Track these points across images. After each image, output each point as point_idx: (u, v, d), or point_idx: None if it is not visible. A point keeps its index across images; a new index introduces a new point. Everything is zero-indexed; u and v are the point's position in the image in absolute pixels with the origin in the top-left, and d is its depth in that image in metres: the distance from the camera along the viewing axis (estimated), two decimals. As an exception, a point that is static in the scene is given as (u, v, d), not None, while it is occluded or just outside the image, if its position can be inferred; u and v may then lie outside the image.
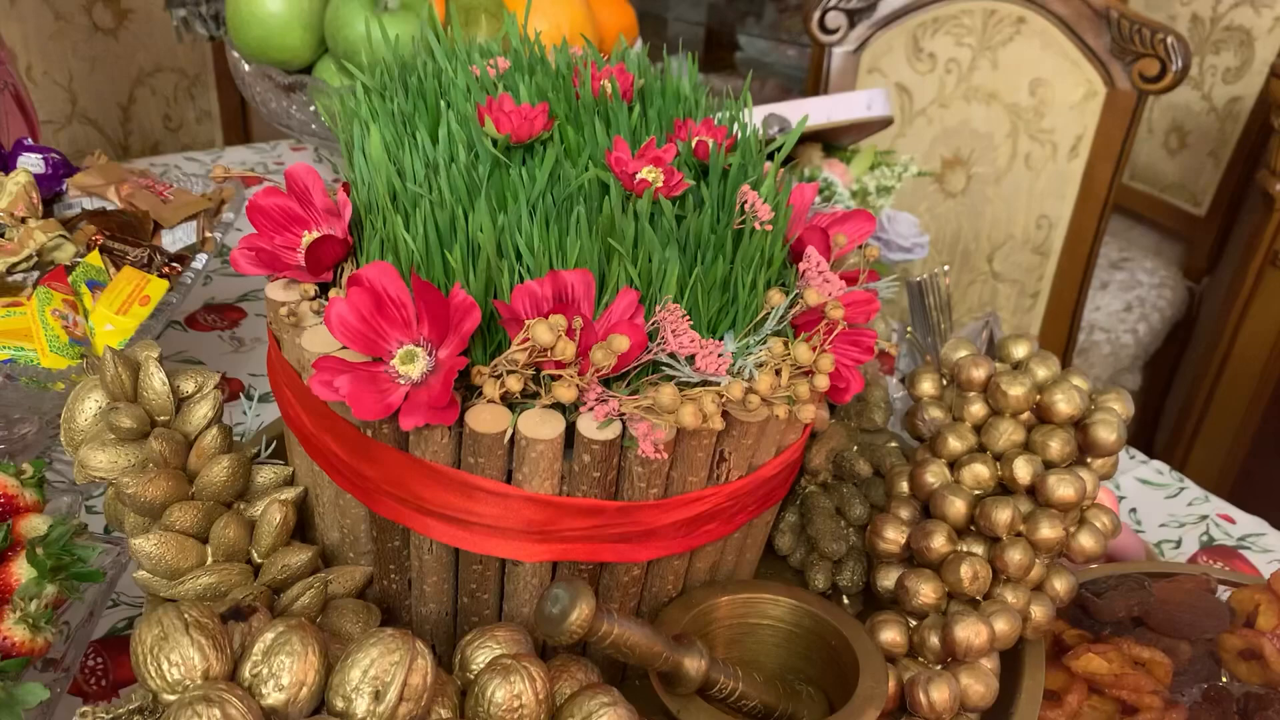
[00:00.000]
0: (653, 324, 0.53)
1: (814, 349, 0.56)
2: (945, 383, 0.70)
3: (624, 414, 0.53)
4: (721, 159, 0.61)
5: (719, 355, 0.53)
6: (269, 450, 0.68)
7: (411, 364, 0.53)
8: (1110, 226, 2.29)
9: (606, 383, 0.54)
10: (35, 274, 0.83)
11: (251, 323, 1.09)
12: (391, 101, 0.61)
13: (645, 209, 0.56)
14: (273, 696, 0.48)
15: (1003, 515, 0.61)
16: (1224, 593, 0.73)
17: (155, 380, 0.64)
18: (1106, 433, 0.65)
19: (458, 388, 0.54)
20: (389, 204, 0.56)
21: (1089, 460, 0.67)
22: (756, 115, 1.05)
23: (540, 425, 0.53)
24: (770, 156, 0.65)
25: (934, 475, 0.65)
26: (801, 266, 0.60)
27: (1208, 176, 2.18)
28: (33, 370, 0.74)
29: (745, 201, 0.58)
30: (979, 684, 0.58)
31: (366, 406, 0.51)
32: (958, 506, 0.63)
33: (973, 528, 0.64)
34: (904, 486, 0.67)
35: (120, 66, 1.67)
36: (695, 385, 0.54)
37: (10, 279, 0.82)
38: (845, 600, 0.70)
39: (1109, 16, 1.62)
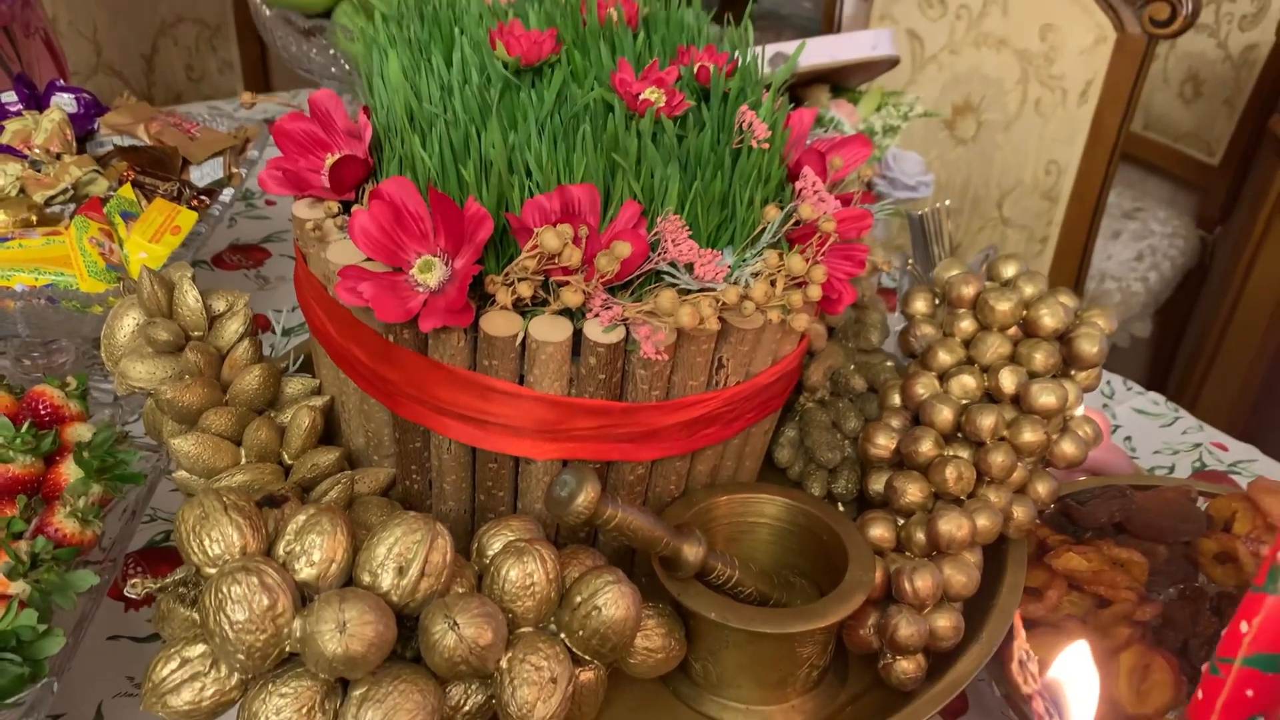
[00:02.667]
0: (654, 235, 0.57)
1: (807, 260, 0.59)
2: (938, 302, 0.74)
3: (627, 319, 0.57)
4: (722, 83, 0.65)
5: (717, 264, 0.57)
6: (297, 366, 0.72)
7: (429, 273, 0.57)
8: (1124, 177, 2.30)
9: (612, 291, 0.58)
10: (71, 206, 0.87)
11: (275, 263, 1.13)
12: (408, 30, 0.64)
13: (647, 128, 0.59)
14: (305, 571, 0.52)
15: (987, 420, 0.65)
16: (1205, 504, 0.76)
17: (189, 297, 0.68)
18: (1089, 345, 0.68)
19: (473, 298, 0.58)
20: (406, 124, 0.60)
21: (1073, 372, 0.70)
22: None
23: (549, 329, 0.57)
24: (769, 86, 0.68)
25: (924, 387, 0.69)
26: (798, 185, 0.64)
27: (1222, 125, 2.18)
28: (72, 293, 0.78)
29: (744, 121, 0.61)
30: (961, 574, 0.62)
31: (389, 309, 0.55)
32: (945, 414, 0.66)
33: (959, 435, 0.67)
34: (896, 399, 0.71)
35: (143, 17, 1.70)
36: (695, 292, 0.57)
37: (48, 210, 0.86)
38: (840, 507, 0.74)
39: (1119, -40, 1.62)
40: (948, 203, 1.06)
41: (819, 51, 1.10)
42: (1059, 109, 1.73)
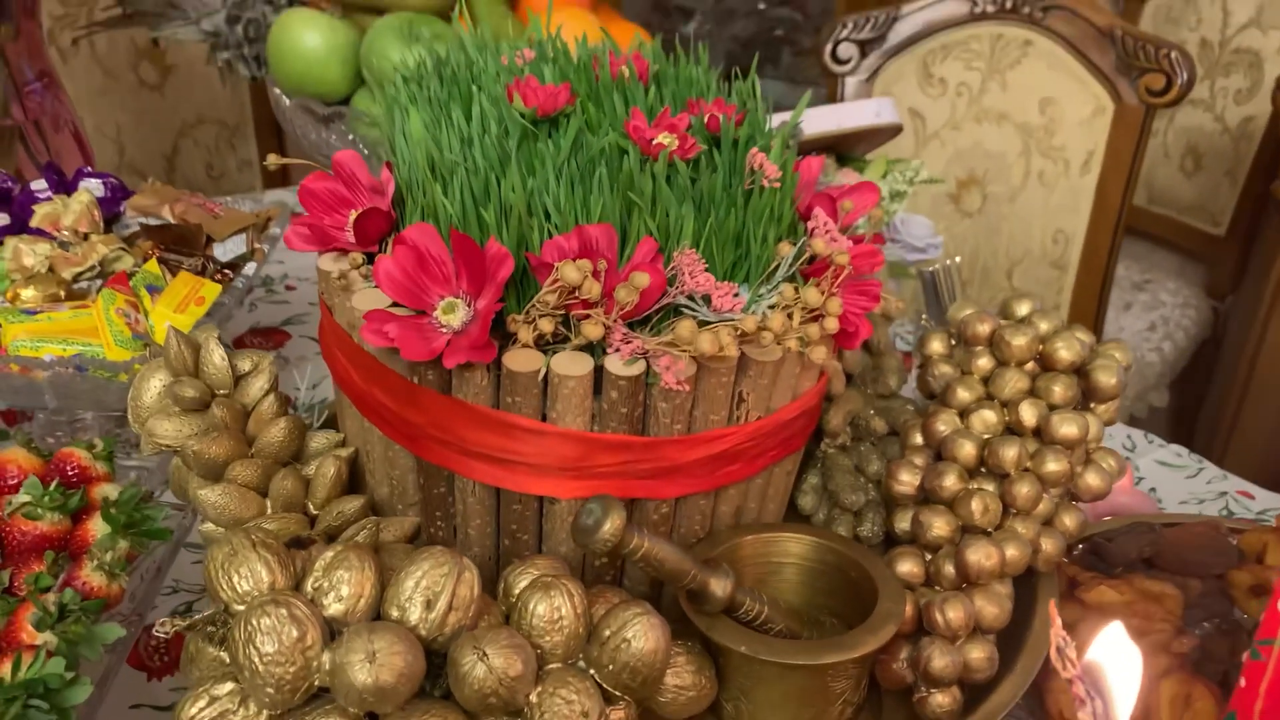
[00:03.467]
0: (671, 270, 0.58)
1: (822, 293, 0.60)
2: (953, 343, 0.74)
3: (647, 352, 0.58)
4: (732, 131, 0.66)
5: (734, 296, 0.58)
6: (320, 422, 0.73)
7: (453, 314, 0.58)
8: (1132, 250, 2.32)
9: (632, 327, 0.59)
10: (99, 283, 0.89)
11: (295, 344, 1.14)
12: (428, 89, 0.67)
13: (661, 170, 0.61)
14: (333, 607, 0.52)
15: (1010, 452, 0.65)
16: (1235, 539, 0.76)
17: (215, 355, 0.70)
18: (1107, 377, 0.69)
19: (496, 338, 0.59)
20: (428, 175, 0.62)
21: (1092, 405, 0.70)
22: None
23: (571, 364, 0.57)
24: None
25: (945, 423, 0.69)
26: (810, 224, 0.65)
27: (1225, 196, 2.21)
28: (100, 362, 0.80)
29: (755, 163, 0.63)
30: (993, 605, 0.61)
31: (414, 349, 0.56)
32: (967, 448, 0.67)
33: (983, 469, 0.67)
34: (917, 438, 0.71)
35: (165, 119, 1.76)
36: (713, 324, 0.58)
37: (75, 286, 0.88)
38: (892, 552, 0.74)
39: (1113, 35, 1.67)
40: (958, 259, 1.08)
41: (823, 119, 1.13)
42: (1062, 179, 1.76)
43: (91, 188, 0.99)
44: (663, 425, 0.60)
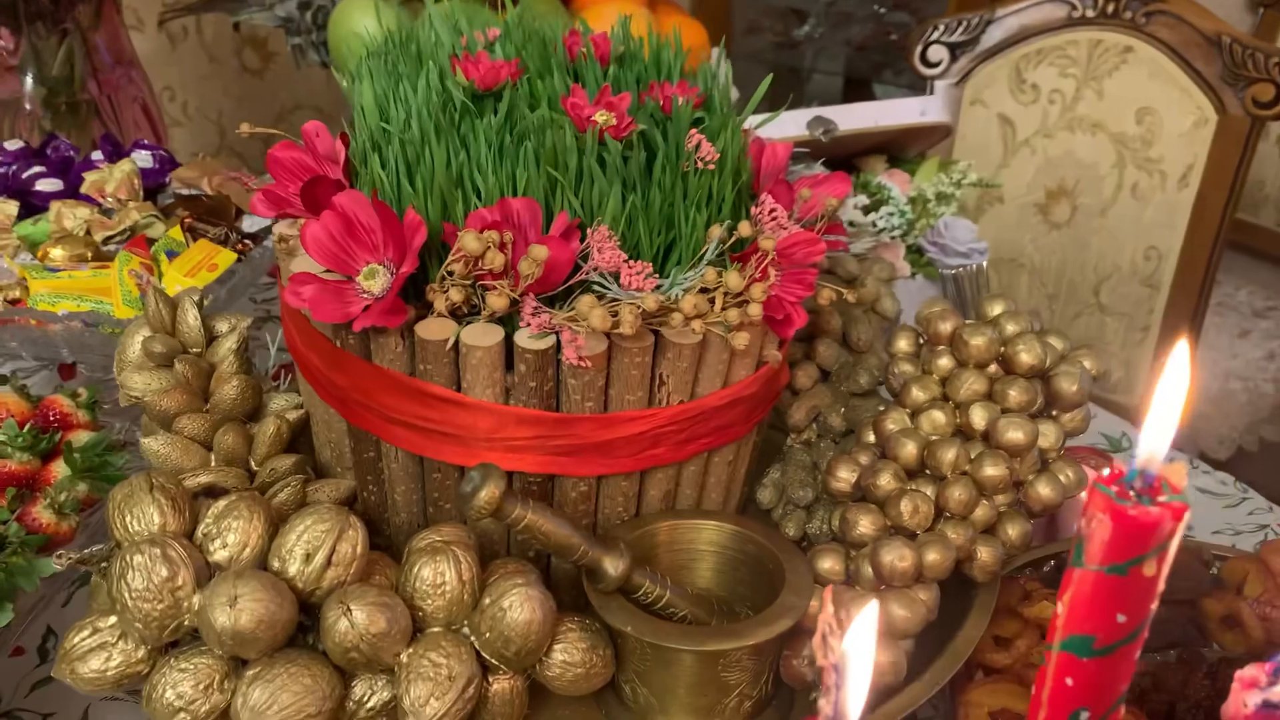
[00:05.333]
0: (586, 246, 0.58)
1: (745, 278, 0.59)
2: (922, 342, 0.72)
3: (556, 328, 0.58)
4: (686, 113, 0.66)
5: (645, 275, 0.58)
6: (287, 384, 0.76)
7: (373, 280, 0.59)
8: (1257, 276, 2.19)
9: (551, 303, 0.59)
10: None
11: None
12: (390, 63, 0.68)
13: (591, 147, 0.61)
14: (219, 554, 0.54)
15: (948, 454, 0.63)
16: (1217, 568, 0.71)
17: (189, 315, 0.73)
18: (1068, 384, 0.65)
19: (420, 308, 0.60)
20: (369, 146, 0.63)
21: (1055, 414, 0.67)
22: (803, 116, 1.08)
23: (480, 335, 0.58)
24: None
25: (894, 422, 0.67)
26: (755, 210, 0.64)
27: (1361, 220, 2.07)
28: (108, 319, 0.84)
29: (691, 143, 0.62)
30: (904, 610, 0.59)
31: (327, 311, 0.58)
32: (909, 448, 0.64)
33: (926, 472, 0.65)
34: (869, 436, 0.69)
35: (264, 104, 1.84)
36: (620, 302, 0.58)
37: (105, 249, 0.93)
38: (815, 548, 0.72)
39: (1220, 42, 1.58)
40: (984, 263, 1.04)
41: (863, 116, 1.11)
42: (1158, 193, 1.67)
43: (141, 159, 1.05)
44: (574, 402, 0.60)
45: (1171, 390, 0.32)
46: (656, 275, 0.58)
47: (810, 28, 2.83)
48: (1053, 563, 0.72)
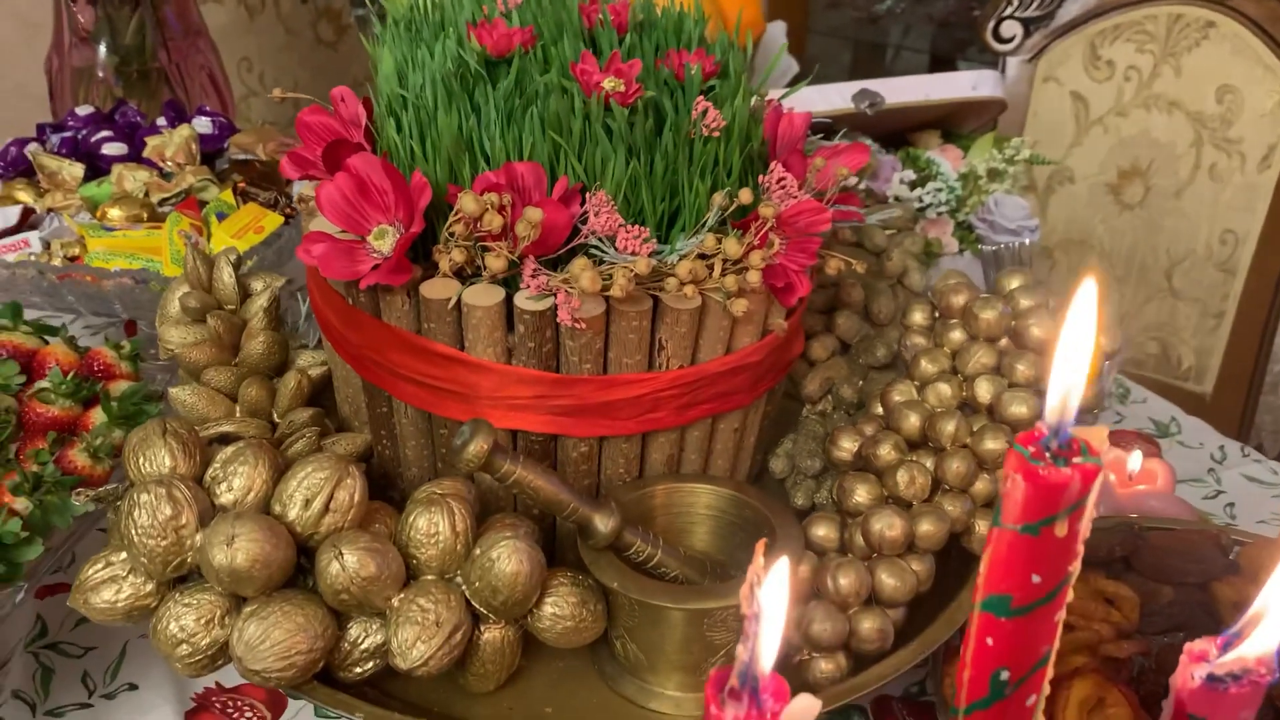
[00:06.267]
0: (584, 210, 0.59)
1: (743, 245, 0.60)
2: (936, 315, 0.72)
3: (554, 289, 0.59)
4: (698, 80, 0.66)
5: (642, 240, 0.58)
6: (316, 342, 0.78)
7: (383, 240, 0.61)
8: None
9: (548, 265, 0.60)
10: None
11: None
12: (414, 29, 0.70)
13: (596, 113, 0.62)
14: (225, 496, 0.56)
15: (948, 426, 0.62)
16: (1235, 553, 0.70)
17: (225, 274, 0.76)
18: (1078, 359, 0.64)
19: (429, 270, 0.62)
20: (386, 111, 0.65)
21: (1066, 390, 0.66)
22: (849, 89, 1.07)
23: (481, 295, 0.60)
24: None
25: (901, 394, 0.67)
26: (763, 179, 0.64)
27: None
28: (158, 276, 0.88)
29: (697, 110, 0.62)
30: (893, 578, 0.59)
31: (335, 269, 0.60)
32: (911, 420, 0.64)
33: (928, 444, 0.65)
34: (878, 407, 0.69)
35: (338, 75, 1.88)
36: (615, 264, 0.59)
37: (161, 210, 0.98)
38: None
39: (1307, 17, 1.52)
40: (1028, 240, 1.02)
41: (912, 89, 1.09)
42: (1236, 175, 1.61)
43: (201, 125, 1.09)
44: (572, 364, 0.61)
45: (1076, 334, 0.31)
46: (655, 240, 0.59)
47: (892, 2, 2.79)
48: (1066, 541, 0.72)
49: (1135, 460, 0.82)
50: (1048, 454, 0.32)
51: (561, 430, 0.63)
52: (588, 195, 0.59)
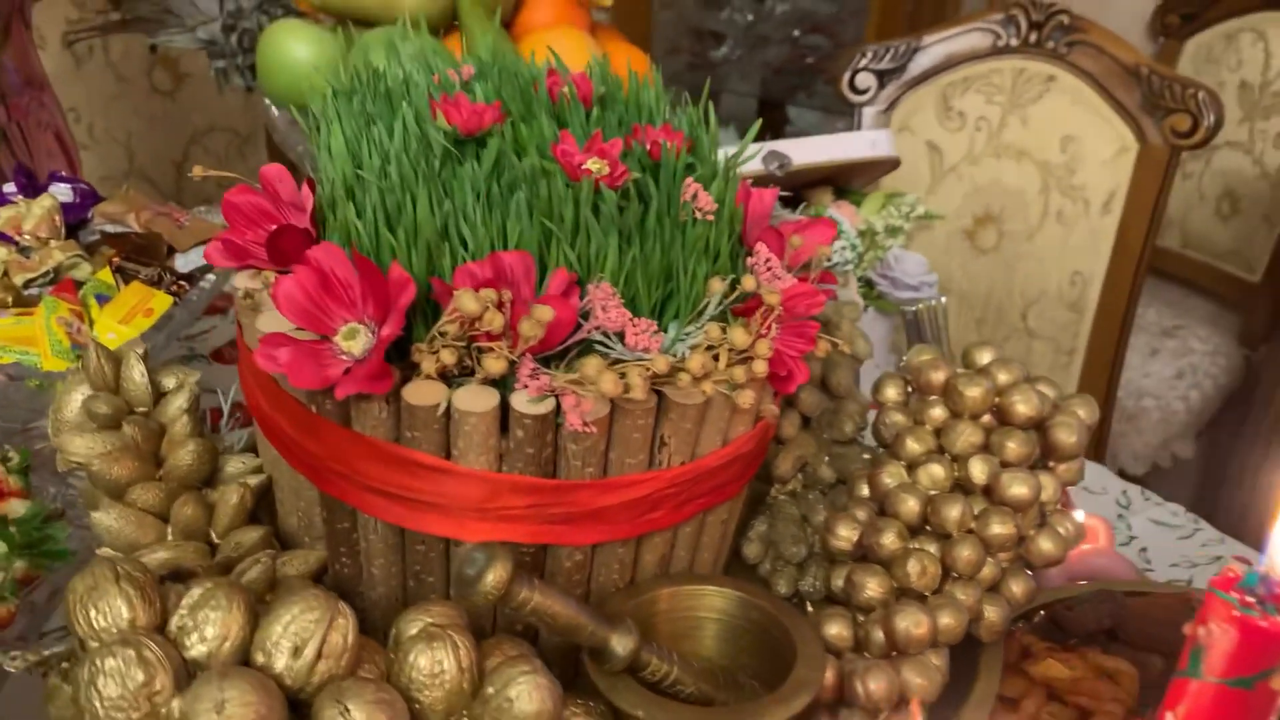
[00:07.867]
0: (586, 304, 0.55)
1: (750, 334, 0.57)
2: (910, 390, 0.70)
3: (556, 390, 0.54)
4: (675, 159, 0.63)
5: (650, 334, 0.54)
6: (241, 446, 0.70)
7: (354, 340, 0.55)
8: (1163, 295, 2.26)
9: (545, 363, 0.56)
10: (50, 289, 0.87)
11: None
12: (358, 104, 0.64)
13: (586, 197, 0.57)
14: (196, 649, 0.49)
15: (953, 511, 0.61)
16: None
17: (135, 372, 0.67)
18: (1066, 434, 0.64)
19: (405, 369, 0.56)
20: (342, 193, 0.59)
21: (1051, 465, 0.66)
22: (758, 151, 1.06)
23: (474, 399, 0.54)
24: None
25: (891, 476, 0.65)
26: (750, 261, 0.61)
27: (1262, 242, 2.14)
28: (35, 372, 0.78)
29: (688, 193, 0.59)
30: (920, 677, 0.57)
31: (305, 376, 0.53)
32: (910, 505, 0.62)
33: (927, 528, 0.63)
34: (864, 489, 0.67)
35: (176, 126, 1.76)
36: (626, 363, 0.55)
37: (27, 293, 0.87)
38: (809, 606, 0.70)
39: (1139, 73, 1.62)
40: (944, 299, 1.03)
41: (816, 149, 1.09)
42: (1082, 219, 1.70)
43: (60, 193, 0.98)
44: (574, 468, 0.56)
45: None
46: (661, 333, 0.55)
47: (728, 50, 2.84)
48: (1042, 613, 0.71)
49: (1079, 518, 0.83)
50: (1254, 601, 0.30)
51: (556, 539, 0.58)
52: (588, 287, 0.55)
